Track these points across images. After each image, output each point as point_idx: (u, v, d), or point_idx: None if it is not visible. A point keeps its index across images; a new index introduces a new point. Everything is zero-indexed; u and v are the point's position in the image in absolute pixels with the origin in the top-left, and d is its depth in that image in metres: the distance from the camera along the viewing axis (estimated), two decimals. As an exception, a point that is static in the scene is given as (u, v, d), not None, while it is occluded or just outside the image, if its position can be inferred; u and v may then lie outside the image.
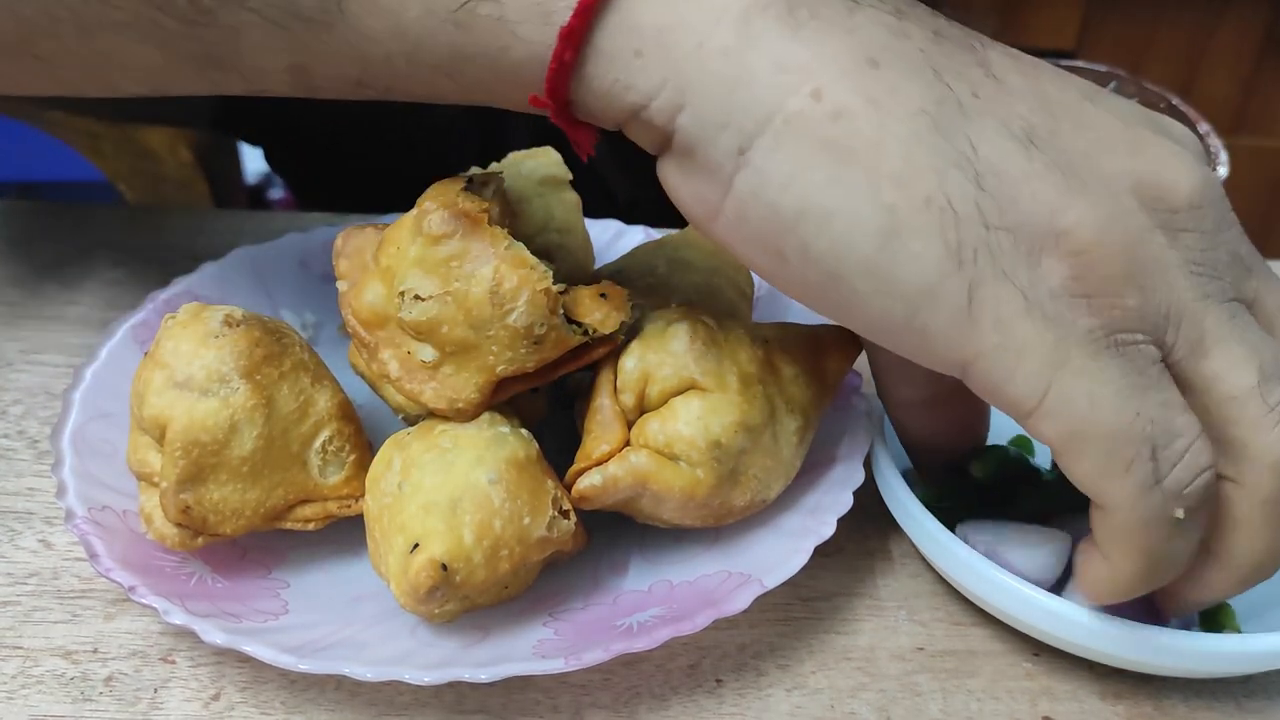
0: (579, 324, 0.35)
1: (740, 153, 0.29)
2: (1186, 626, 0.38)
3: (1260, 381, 0.30)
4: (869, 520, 0.43)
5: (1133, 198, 0.30)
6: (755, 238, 0.31)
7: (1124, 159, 0.30)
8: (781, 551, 0.37)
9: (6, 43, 0.34)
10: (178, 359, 0.36)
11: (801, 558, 0.37)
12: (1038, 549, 0.38)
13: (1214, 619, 0.38)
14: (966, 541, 0.38)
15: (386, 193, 0.54)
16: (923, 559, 0.42)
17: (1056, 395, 0.29)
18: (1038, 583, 0.37)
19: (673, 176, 0.32)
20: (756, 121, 0.29)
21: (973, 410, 0.41)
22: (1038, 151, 0.30)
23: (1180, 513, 0.30)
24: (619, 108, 0.31)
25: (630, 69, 0.30)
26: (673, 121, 0.30)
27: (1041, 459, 0.43)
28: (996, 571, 0.36)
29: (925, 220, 0.29)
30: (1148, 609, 0.36)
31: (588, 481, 0.36)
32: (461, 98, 0.33)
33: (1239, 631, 0.38)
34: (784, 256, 0.30)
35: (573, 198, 0.43)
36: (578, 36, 0.29)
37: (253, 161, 1.18)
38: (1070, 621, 0.35)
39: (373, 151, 0.74)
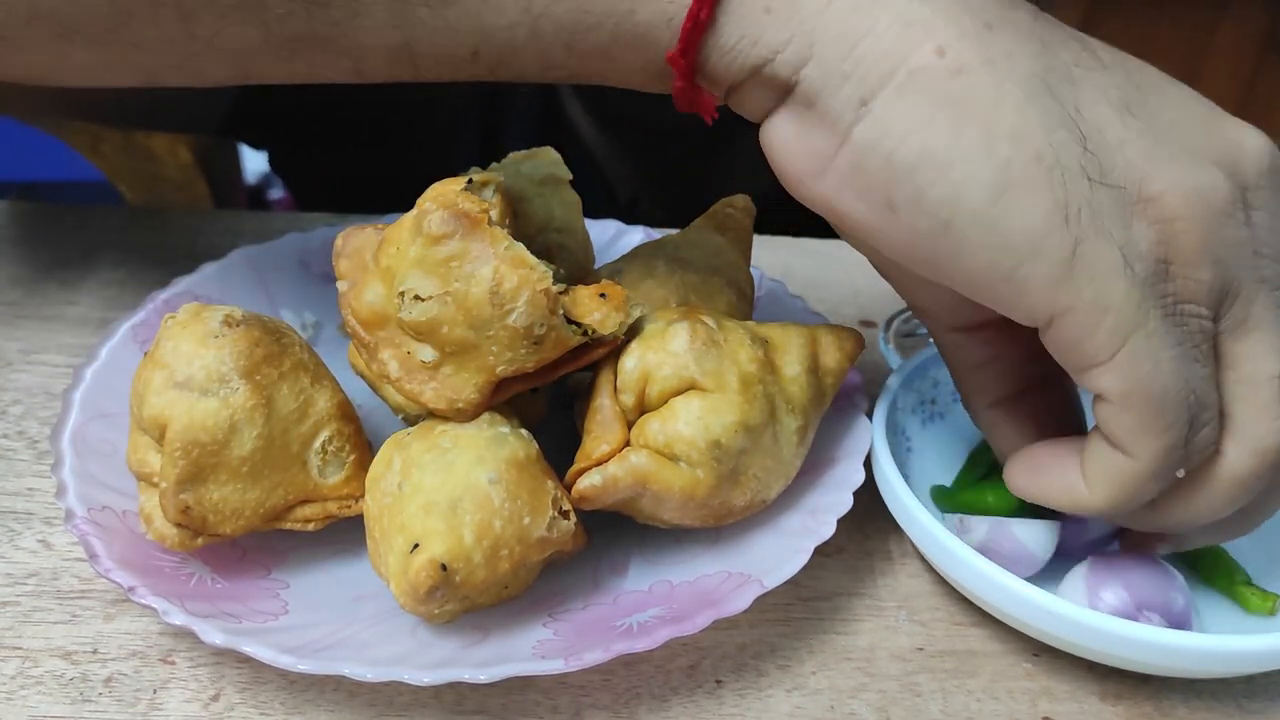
0: (579, 324, 0.35)
1: (863, 104, 0.31)
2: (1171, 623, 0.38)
3: None
4: (869, 520, 0.43)
5: (1216, 169, 0.31)
6: (867, 188, 0.32)
7: (1205, 133, 0.32)
8: (781, 551, 0.37)
9: (97, 30, 0.34)
10: (178, 359, 0.36)
11: (801, 558, 0.37)
12: (1036, 526, 0.38)
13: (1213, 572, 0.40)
14: (963, 527, 0.39)
15: (386, 193, 0.54)
16: (923, 559, 0.42)
17: (1128, 353, 0.31)
18: (1038, 556, 0.38)
19: (784, 131, 0.33)
20: (880, 74, 0.30)
21: (1057, 409, 0.41)
22: (1133, 119, 0.31)
23: (1181, 473, 0.32)
24: (742, 64, 0.32)
25: (759, 24, 0.31)
26: (797, 73, 0.31)
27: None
28: (996, 571, 0.36)
29: (1036, 175, 0.30)
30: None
31: (588, 481, 0.36)
32: (572, 72, 0.34)
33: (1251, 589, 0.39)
34: (894, 206, 0.31)
35: (573, 198, 0.43)
36: None
37: (253, 162, 1.18)
38: (1070, 621, 0.35)
39: (373, 152, 0.74)
